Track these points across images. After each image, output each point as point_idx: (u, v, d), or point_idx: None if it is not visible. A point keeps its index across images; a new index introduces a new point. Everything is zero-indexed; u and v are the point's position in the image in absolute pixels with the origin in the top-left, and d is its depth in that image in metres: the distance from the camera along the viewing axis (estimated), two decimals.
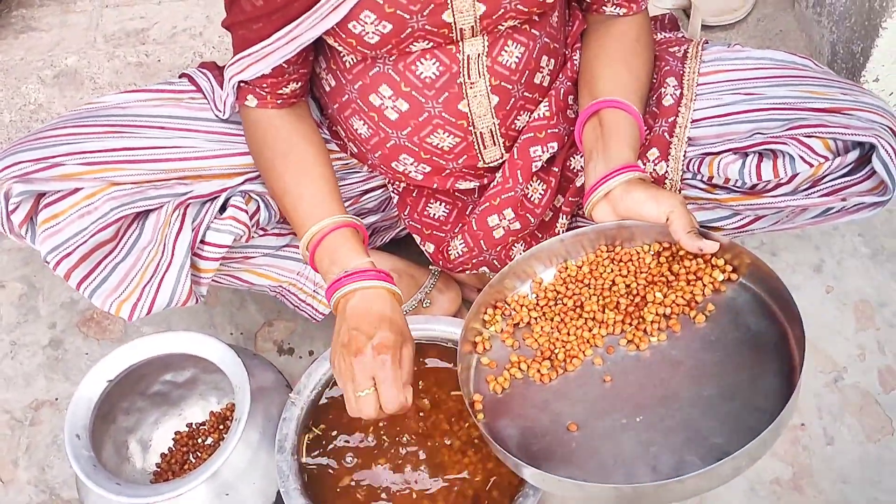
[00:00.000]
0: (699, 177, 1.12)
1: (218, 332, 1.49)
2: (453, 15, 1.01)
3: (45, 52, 1.82)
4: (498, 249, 1.22)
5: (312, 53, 1.12)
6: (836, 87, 1.09)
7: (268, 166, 1.12)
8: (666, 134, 1.12)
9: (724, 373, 0.89)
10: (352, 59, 1.10)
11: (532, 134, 1.15)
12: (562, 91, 1.17)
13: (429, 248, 1.28)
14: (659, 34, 1.29)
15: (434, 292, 1.39)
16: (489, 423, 0.95)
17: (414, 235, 1.29)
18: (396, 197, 1.27)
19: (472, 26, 1.04)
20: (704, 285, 0.95)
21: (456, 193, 1.24)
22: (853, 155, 1.04)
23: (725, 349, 0.90)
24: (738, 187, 1.10)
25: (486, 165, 1.18)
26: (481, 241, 1.20)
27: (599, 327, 0.97)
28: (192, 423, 1.36)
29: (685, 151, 1.12)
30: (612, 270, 1.00)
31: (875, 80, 1.44)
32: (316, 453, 1.12)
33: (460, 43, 1.06)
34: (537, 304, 1.03)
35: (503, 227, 1.19)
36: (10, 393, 1.47)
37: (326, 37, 1.04)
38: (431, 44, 1.04)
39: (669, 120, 1.12)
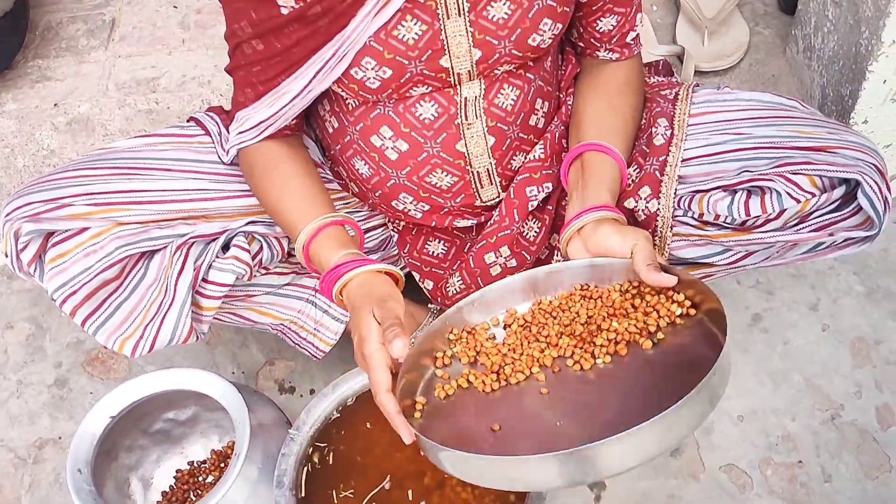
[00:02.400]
0: (690, 213, 1.15)
1: (220, 371, 1.51)
2: (451, 60, 1.06)
3: (58, 99, 1.88)
4: None
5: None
6: (822, 126, 1.12)
7: (258, 186, 1.15)
8: (657, 172, 1.15)
9: (656, 391, 0.90)
10: (354, 102, 1.14)
11: (528, 175, 1.19)
12: (556, 134, 1.20)
13: (428, 285, 1.30)
14: (652, 78, 1.33)
15: None
16: (425, 423, 0.97)
17: (413, 273, 1.31)
18: (396, 235, 1.30)
19: (469, 71, 1.07)
20: (660, 317, 0.97)
21: (454, 231, 1.27)
22: (839, 191, 1.07)
23: (664, 372, 0.93)
24: (728, 223, 1.13)
25: (483, 204, 1.21)
26: (479, 278, 1.23)
27: (551, 349, 1.00)
28: (193, 461, 1.37)
29: (676, 189, 1.14)
30: (581, 305, 1.03)
31: (864, 122, 1.47)
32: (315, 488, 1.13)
33: (458, 86, 1.09)
34: (505, 328, 1.06)
35: (500, 265, 1.21)
36: (14, 431, 1.49)
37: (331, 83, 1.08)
38: (430, 88, 1.08)
39: (660, 159, 1.15)
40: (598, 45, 1.19)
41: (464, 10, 1.03)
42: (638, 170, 1.16)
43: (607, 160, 1.12)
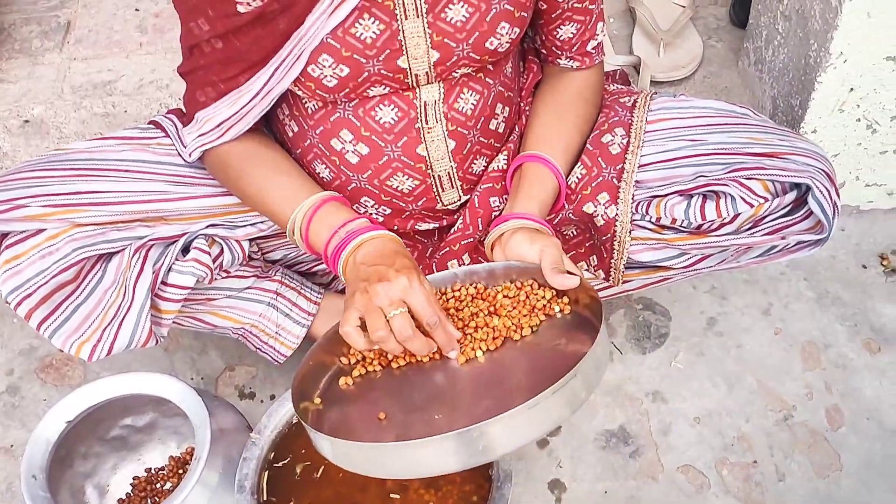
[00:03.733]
0: (648, 218, 1.17)
1: (179, 378, 1.49)
2: (408, 61, 1.06)
3: (12, 102, 1.84)
4: None
5: None
6: (774, 133, 1.15)
7: (235, 176, 1.15)
8: (614, 179, 1.17)
9: (534, 381, 0.93)
10: (314, 104, 1.14)
11: (491, 185, 1.20)
12: (519, 143, 1.22)
13: None
14: (612, 87, 1.35)
15: None
16: (323, 411, 1.00)
17: None
18: None
19: (427, 72, 1.08)
20: (536, 314, 1.03)
21: (416, 236, 1.28)
22: (790, 196, 1.10)
23: (544, 363, 0.98)
24: (684, 227, 1.16)
25: (444, 207, 1.22)
26: None
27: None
28: (150, 468, 1.35)
29: (633, 194, 1.17)
30: (469, 303, 1.07)
31: (813, 132, 1.51)
32: (276, 491, 1.13)
33: (417, 89, 1.10)
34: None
35: None
36: None
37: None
38: (388, 89, 1.09)
39: (617, 167, 1.18)
40: (559, 52, 1.21)
41: (422, 11, 1.04)
42: (595, 173, 1.18)
43: (544, 172, 1.16)
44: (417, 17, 1.04)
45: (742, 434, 1.41)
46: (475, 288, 1.09)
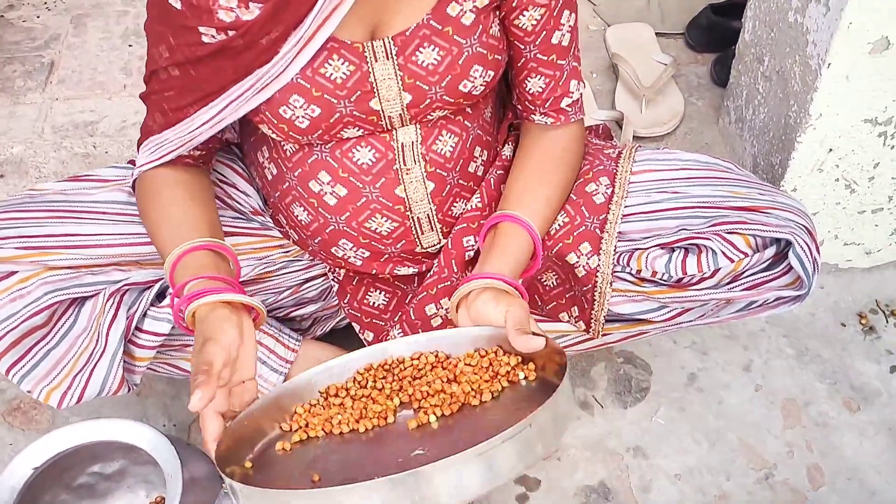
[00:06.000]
0: (628, 270, 1.17)
1: (151, 424, 1.45)
2: (381, 103, 1.06)
3: None
4: None
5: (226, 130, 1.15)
6: (756, 188, 1.16)
7: (142, 210, 1.11)
8: (597, 230, 1.17)
9: (486, 438, 0.84)
10: (292, 147, 1.13)
11: (465, 224, 1.19)
12: (492, 181, 1.21)
13: (368, 336, 1.29)
14: (594, 141, 1.36)
15: None
16: (250, 475, 0.93)
17: (354, 324, 1.30)
18: (336, 285, 1.29)
19: (401, 114, 1.08)
20: (499, 380, 0.98)
21: (395, 281, 1.27)
22: (770, 251, 1.11)
23: (501, 423, 0.86)
24: (664, 281, 1.15)
25: (423, 250, 1.21)
26: (419, 330, 1.22)
27: (388, 403, 0.99)
28: None
29: (615, 246, 1.17)
30: (433, 371, 1.02)
31: (793, 190, 1.53)
32: None
33: (394, 131, 1.10)
34: (354, 383, 1.04)
35: (440, 316, 1.21)
36: None
37: (261, 125, 1.08)
38: (363, 131, 1.08)
39: (601, 217, 1.18)
40: (532, 107, 1.18)
41: (391, 53, 1.04)
42: (578, 222, 1.18)
43: (520, 233, 1.12)
44: (388, 59, 1.04)
45: (723, 492, 1.39)
46: (435, 356, 1.04)
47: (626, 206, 1.17)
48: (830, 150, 1.47)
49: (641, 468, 1.41)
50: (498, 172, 1.22)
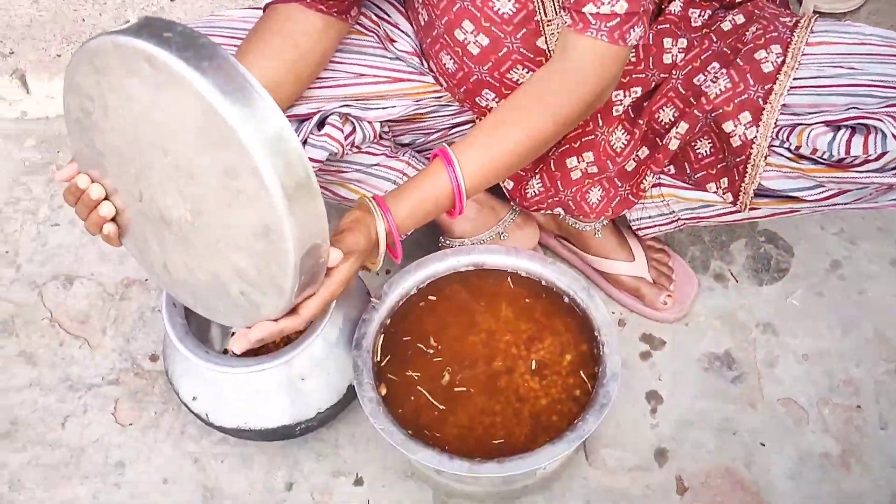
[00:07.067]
0: (787, 145, 1.15)
1: None
2: None
3: None
4: (573, 191, 1.26)
5: None
6: None
7: (248, 41, 1.13)
8: (760, 99, 1.15)
9: None
10: None
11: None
12: (650, 35, 1.19)
13: (508, 184, 1.33)
14: (770, 6, 1.30)
15: (512, 227, 1.45)
16: None
17: None
18: None
19: None
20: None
21: None
22: None
23: None
24: (824, 159, 1.12)
25: None
26: (558, 182, 1.24)
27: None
28: None
29: (777, 119, 1.14)
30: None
31: None
32: (388, 356, 1.20)
33: None
34: None
35: (580, 170, 1.22)
36: (104, 267, 1.58)
37: None
38: None
39: (766, 87, 1.14)
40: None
41: None
42: (741, 89, 1.15)
43: (443, 178, 1.06)
44: None
45: (850, 378, 1.39)
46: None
47: (794, 79, 1.14)
48: None
49: (770, 344, 1.43)
50: (656, 27, 1.19)
